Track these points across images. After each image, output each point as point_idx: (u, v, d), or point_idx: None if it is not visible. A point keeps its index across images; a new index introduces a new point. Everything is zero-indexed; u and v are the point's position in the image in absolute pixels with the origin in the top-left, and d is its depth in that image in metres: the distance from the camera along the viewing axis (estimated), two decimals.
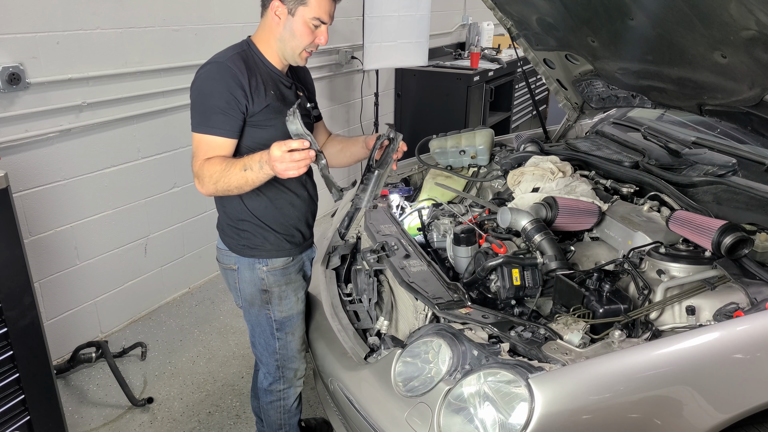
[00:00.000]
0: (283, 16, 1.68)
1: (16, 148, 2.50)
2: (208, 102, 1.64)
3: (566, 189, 2.13)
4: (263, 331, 1.89)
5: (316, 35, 1.71)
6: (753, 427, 1.42)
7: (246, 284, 1.84)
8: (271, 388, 1.98)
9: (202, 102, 1.65)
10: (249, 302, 1.86)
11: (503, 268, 1.70)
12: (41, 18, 2.49)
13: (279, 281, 1.84)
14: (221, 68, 1.65)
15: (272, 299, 1.85)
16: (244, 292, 1.86)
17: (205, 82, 1.66)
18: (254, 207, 1.78)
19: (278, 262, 1.83)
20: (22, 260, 1.74)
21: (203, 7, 3.20)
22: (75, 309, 2.89)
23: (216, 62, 1.68)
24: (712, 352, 1.37)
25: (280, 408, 2.01)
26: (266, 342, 1.91)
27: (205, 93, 1.65)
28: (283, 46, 1.72)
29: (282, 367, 1.94)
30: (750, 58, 1.66)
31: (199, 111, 1.65)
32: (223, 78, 1.64)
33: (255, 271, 1.82)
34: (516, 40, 2.61)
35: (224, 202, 1.82)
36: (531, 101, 6.08)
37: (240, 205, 1.79)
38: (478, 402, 1.35)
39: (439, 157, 2.63)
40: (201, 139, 1.65)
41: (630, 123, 2.77)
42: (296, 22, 1.68)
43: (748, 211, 1.90)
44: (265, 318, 1.87)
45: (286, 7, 1.66)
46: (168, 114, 3.14)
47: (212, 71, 1.66)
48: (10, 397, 1.78)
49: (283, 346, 1.91)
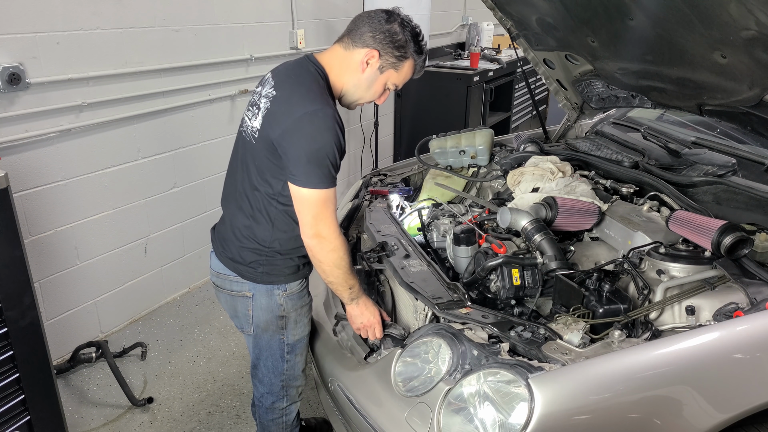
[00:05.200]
0: (373, 68, 1.62)
1: (16, 148, 2.50)
2: (329, 158, 1.53)
3: (566, 189, 2.13)
4: (272, 354, 1.82)
5: (382, 95, 1.72)
6: (753, 427, 1.42)
7: (262, 311, 1.75)
8: (273, 407, 1.92)
9: (324, 157, 1.53)
10: (262, 329, 1.78)
11: (503, 268, 1.70)
12: (41, 18, 2.49)
13: (296, 305, 1.78)
14: (331, 120, 1.53)
15: (288, 324, 1.79)
16: (258, 319, 1.77)
17: (319, 132, 1.52)
18: (282, 240, 1.70)
19: (295, 286, 1.77)
20: (22, 260, 1.74)
21: (203, 7, 3.20)
22: (75, 309, 2.89)
23: (323, 110, 1.53)
24: (711, 352, 1.37)
25: (282, 424, 1.97)
26: (274, 365, 1.84)
27: (321, 146, 1.52)
28: (354, 91, 1.67)
29: (287, 386, 1.89)
30: (750, 58, 1.66)
31: (321, 167, 1.53)
32: (333, 131, 1.53)
33: (273, 297, 1.74)
34: (516, 40, 2.61)
35: (255, 233, 1.70)
36: (531, 101, 6.08)
37: (268, 237, 1.70)
38: (477, 402, 1.35)
39: (439, 157, 2.63)
40: (329, 196, 1.56)
41: (630, 123, 2.77)
42: (379, 80, 1.65)
43: (748, 211, 1.90)
44: (278, 342, 1.81)
45: (380, 62, 1.62)
46: (168, 114, 3.14)
47: (322, 121, 1.53)
48: (10, 397, 1.78)
49: (291, 367, 1.86)
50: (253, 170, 1.66)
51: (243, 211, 1.71)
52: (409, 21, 1.64)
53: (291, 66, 1.67)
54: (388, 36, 1.60)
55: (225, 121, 3.52)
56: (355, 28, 1.63)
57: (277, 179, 1.62)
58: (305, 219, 1.59)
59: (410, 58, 1.64)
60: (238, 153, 1.75)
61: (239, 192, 1.72)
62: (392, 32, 1.60)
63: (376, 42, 1.60)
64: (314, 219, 1.57)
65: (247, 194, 1.69)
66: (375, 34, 1.60)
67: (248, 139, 1.67)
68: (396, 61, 1.63)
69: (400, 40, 1.60)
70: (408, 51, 1.63)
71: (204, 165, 3.45)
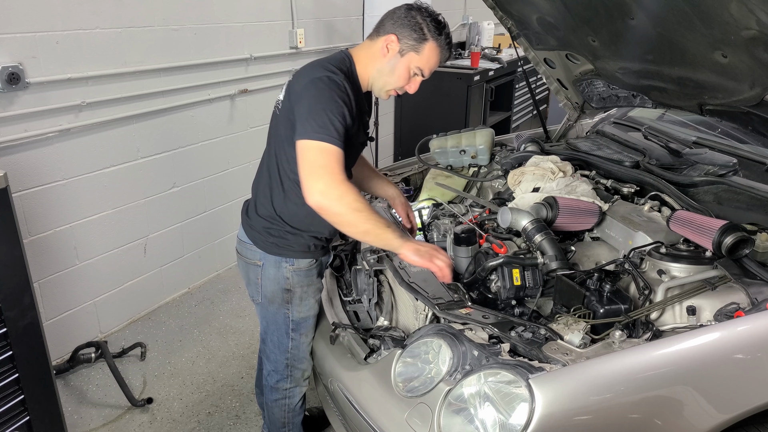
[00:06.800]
0: (393, 51, 1.70)
1: (15, 148, 2.49)
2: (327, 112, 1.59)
3: (567, 189, 2.13)
4: (278, 329, 1.89)
5: (410, 82, 1.75)
6: (753, 427, 1.42)
7: (269, 281, 1.84)
8: (277, 386, 1.98)
9: (321, 111, 1.58)
10: (269, 299, 1.86)
11: (503, 269, 1.70)
12: (41, 17, 2.48)
13: (302, 282, 1.85)
14: (335, 84, 1.62)
15: (293, 299, 1.85)
16: (266, 289, 1.85)
17: (322, 92, 1.61)
18: (293, 212, 1.78)
19: (303, 263, 1.83)
20: (21, 260, 1.74)
21: (203, 6, 3.19)
22: (74, 309, 2.89)
23: (329, 76, 1.63)
24: (712, 353, 1.37)
25: (284, 406, 2.02)
26: (279, 340, 1.91)
27: (322, 103, 1.59)
28: (378, 77, 1.74)
29: (291, 366, 1.95)
30: (751, 57, 1.66)
31: (318, 119, 1.58)
32: (337, 93, 1.62)
33: (281, 269, 1.82)
34: (516, 39, 2.61)
35: (270, 202, 1.79)
36: (531, 101, 6.08)
37: (282, 208, 1.79)
38: (478, 402, 1.35)
39: (440, 156, 2.62)
40: (326, 148, 1.56)
41: (631, 123, 2.77)
42: (401, 63, 1.71)
43: (749, 211, 1.90)
44: (283, 317, 1.87)
45: (400, 45, 1.69)
46: (167, 114, 3.14)
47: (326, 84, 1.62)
48: (9, 397, 1.78)
49: (296, 347, 1.92)
50: (276, 140, 1.78)
51: (265, 181, 1.82)
52: (427, 7, 1.72)
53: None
54: (405, 20, 1.69)
55: (225, 120, 3.51)
56: (379, 23, 1.75)
57: (292, 149, 1.67)
58: (304, 171, 1.57)
59: (430, 40, 1.69)
60: (270, 129, 1.86)
61: (264, 164, 1.85)
62: (410, 17, 1.69)
63: (395, 27, 1.70)
64: (311, 168, 1.56)
65: (269, 165, 1.81)
66: (394, 21, 1.71)
67: (276, 112, 1.80)
68: (415, 44, 1.69)
69: (418, 23, 1.68)
70: (426, 33, 1.68)
71: (203, 165, 3.44)
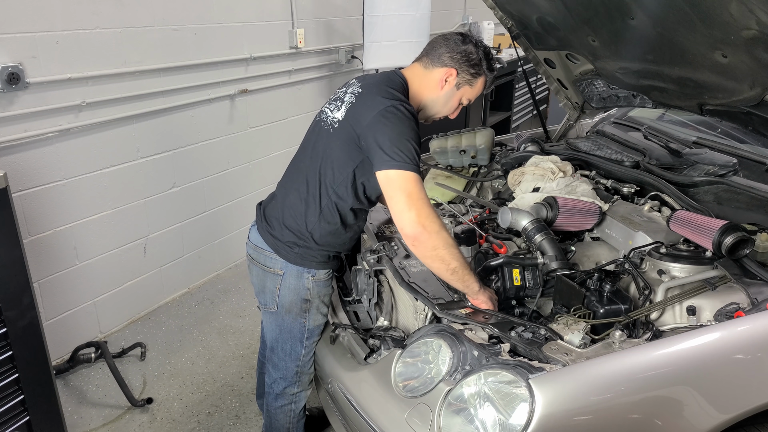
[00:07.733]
0: (450, 85, 1.76)
1: (15, 148, 2.49)
2: (411, 142, 1.61)
3: (567, 189, 2.13)
4: (292, 337, 1.88)
5: (456, 110, 1.85)
6: (753, 427, 1.42)
7: (289, 291, 1.82)
8: (285, 392, 1.97)
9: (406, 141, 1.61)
10: (286, 309, 1.84)
11: (504, 269, 1.70)
12: (40, 18, 2.48)
13: (321, 292, 1.85)
14: (410, 114, 1.66)
15: (311, 309, 1.86)
16: (284, 299, 1.83)
17: (402, 122, 1.63)
18: (325, 231, 1.78)
19: (323, 273, 1.84)
20: (21, 260, 1.74)
21: (203, 6, 3.19)
22: (74, 309, 2.89)
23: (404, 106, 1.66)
24: (712, 353, 1.37)
25: (290, 412, 2.01)
26: (292, 348, 1.90)
27: (405, 134, 1.62)
28: (432, 105, 1.80)
29: (300, 372, 1.94)
30: (751, 57, 1.65)
31: (405, 150, 1.59)
32: (414, 122, 1.66)
33: (302, 279, 1.81)
34: (516, 39, 2.61)
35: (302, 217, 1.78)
36: (531, 101, 6.08)
37: (314, 226, 1.78)
38: (478, 402, 1.35)
39: (440, 156, 2.62)
40: (417, 179, 1.58)
41: (631, 123, 2.77)
42: (455, 96, 1.79)
43: (749, 211, 1.90)
44: (299, 326, 1.87)
45: (458, 80, 1.76)
46: (167, 114, 3.14)
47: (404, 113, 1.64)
48: (9, 398, 1.78)
49: (307, 353, 1.92)
50: (323, 157, 1.75)
51: (299, 194, 1.79)
52: (481, 42, 1.79)
53: (378, 74, 1.82)
54: (464, 56, 1.75)
55: (224, 120, 3.51)
56: (432, 50, 1.78)
57: (341, 171, 1.71)
58: (399, 202, 1.57)
59: (483, 75, 1.79)
60: (310, 141, 1.84)
61: (301, 175, 1.81)
62: (468, 52, 1.75)
63: (453, 62, 1.75)
64: (409, 199, 1.56)
65: (308, 179, 1.78)
66: (453, 54, 1.75)
67: (326, 128, 1.77)
68: (471, 78, 1.77)
69: (475, 59, 1.76)
70: (482, 69, 1.78)
71: (203, 165, 3.44)
